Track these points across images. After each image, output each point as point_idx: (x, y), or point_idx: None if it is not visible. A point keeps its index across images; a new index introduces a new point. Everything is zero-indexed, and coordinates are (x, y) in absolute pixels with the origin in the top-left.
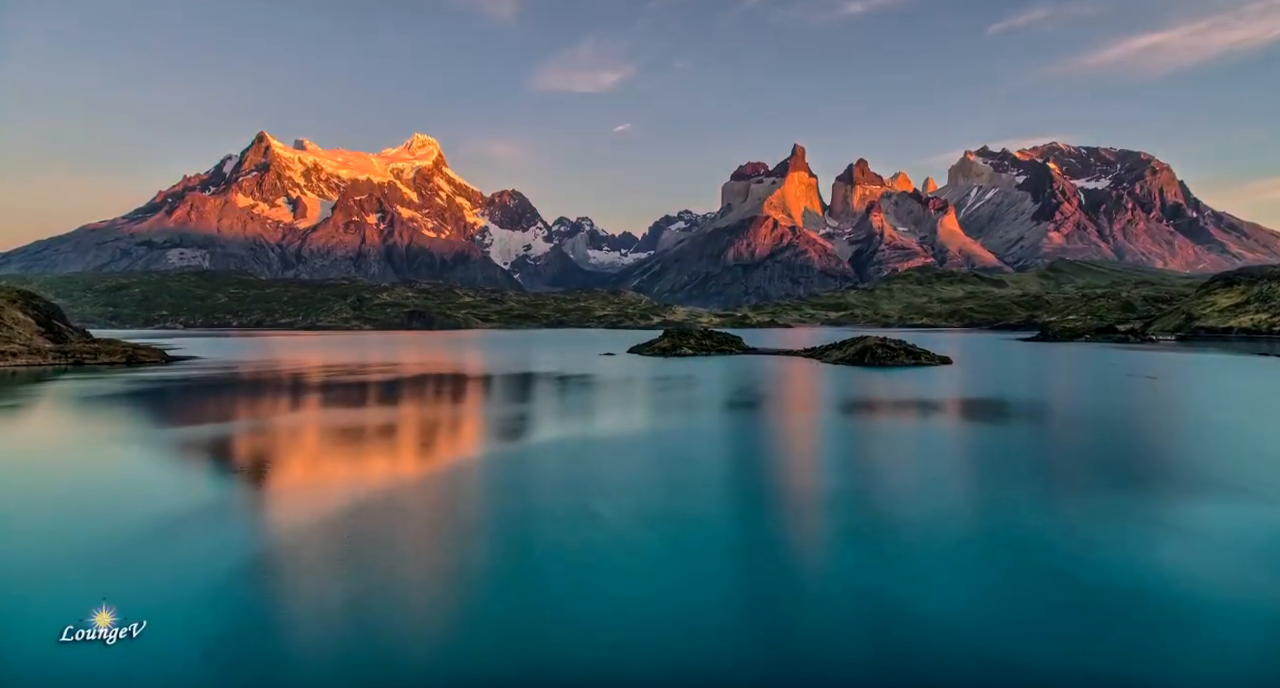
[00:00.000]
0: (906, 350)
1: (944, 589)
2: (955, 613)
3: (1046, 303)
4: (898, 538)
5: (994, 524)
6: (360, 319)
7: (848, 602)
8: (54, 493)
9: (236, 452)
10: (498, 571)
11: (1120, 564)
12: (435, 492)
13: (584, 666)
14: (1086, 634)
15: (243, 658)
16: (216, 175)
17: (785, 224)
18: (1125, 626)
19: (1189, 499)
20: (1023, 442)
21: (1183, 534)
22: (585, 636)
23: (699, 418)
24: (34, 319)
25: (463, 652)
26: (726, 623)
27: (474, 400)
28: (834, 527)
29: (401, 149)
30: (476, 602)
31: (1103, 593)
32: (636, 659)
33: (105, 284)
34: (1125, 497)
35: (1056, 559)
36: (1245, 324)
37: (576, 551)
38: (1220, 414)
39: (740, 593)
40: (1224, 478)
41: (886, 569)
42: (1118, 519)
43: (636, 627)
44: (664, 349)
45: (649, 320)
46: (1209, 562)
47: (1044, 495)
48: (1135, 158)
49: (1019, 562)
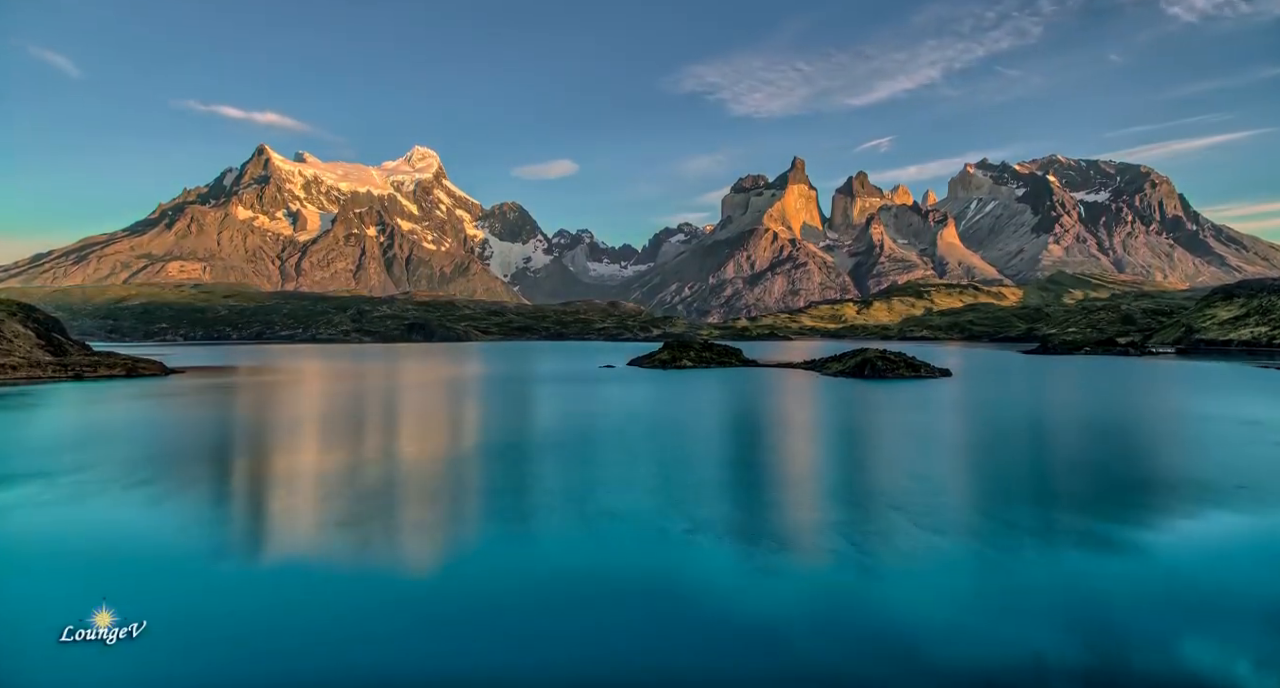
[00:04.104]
0: (906, 363)
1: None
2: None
3: (1046, 315)
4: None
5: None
6: (360, 332)
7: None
8: (54, 493)
9: (234, 454)
10: (495, 571)
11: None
12: (428, 510)
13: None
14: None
15: (242, 658)
16: (217, 188)
17: (785, 236)
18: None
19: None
20: (1038, 461)
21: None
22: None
23: (701, 431)
24: (34, 332)
25: (463, 651)
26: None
27: (472, 412)
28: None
29: (401, 162)
30: (477, 602)
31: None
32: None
33: (105, 297)
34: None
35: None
36: (1245, 337)
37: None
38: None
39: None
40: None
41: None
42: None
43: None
44: (664, 361)
45: (649, 332)
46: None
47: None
48: (1135, 171)
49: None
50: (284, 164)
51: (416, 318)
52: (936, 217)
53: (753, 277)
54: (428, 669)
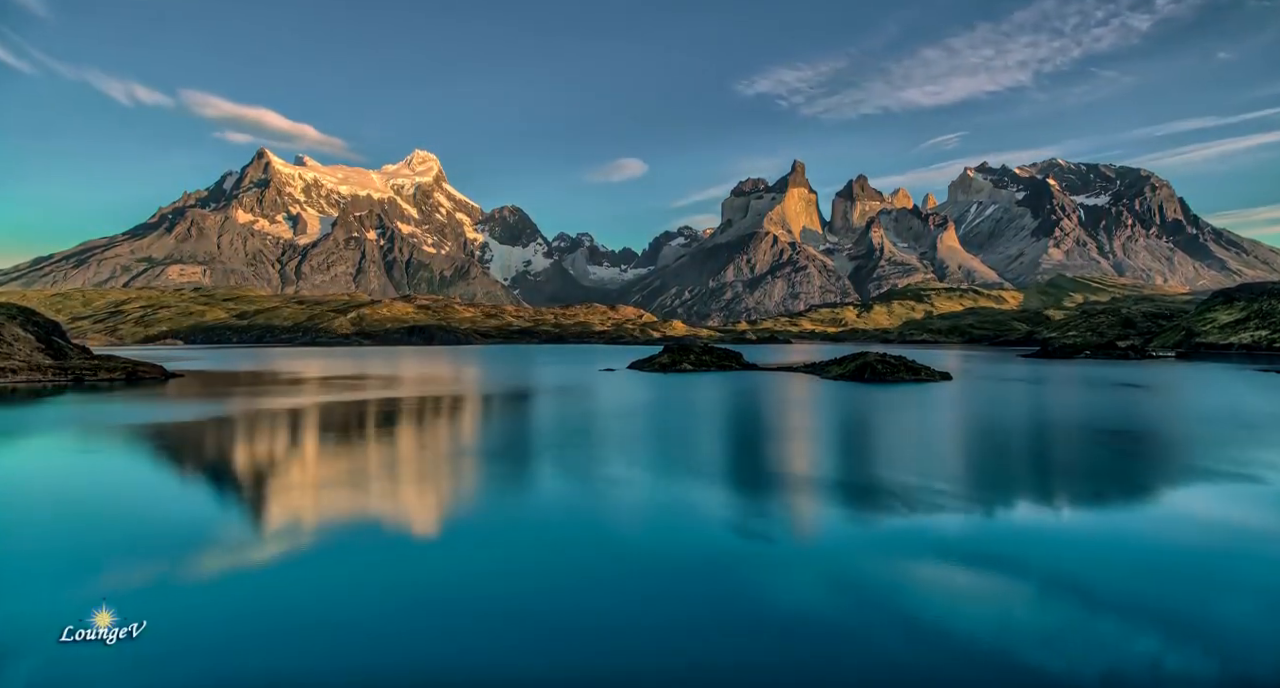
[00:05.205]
0: (907, 366)
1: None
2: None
3: (1046, 319)
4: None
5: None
6: (360, 335)
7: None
8: (54, 494)
9: (236, 456)
10: (491, 567)
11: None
12: (432, 502)
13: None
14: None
15: (242, 658)
16: (217, 192)
17: (785, 240)
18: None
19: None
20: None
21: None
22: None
23: (703, 438)
24: (34, 336)
25: (462, 653)
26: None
27: (471, 420)
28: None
29: (401, 165)
30: (476, 599)
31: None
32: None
33: (105, 301)
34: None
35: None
36: (1245, 340)
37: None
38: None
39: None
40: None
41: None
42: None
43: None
44: (664, 365)
45: (649, 336)
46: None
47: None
48: (1135, 174)
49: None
50: (284, 168)
51: (416, 321)
52: (936, 220)
53: (753, 280)
54: (428, 669)
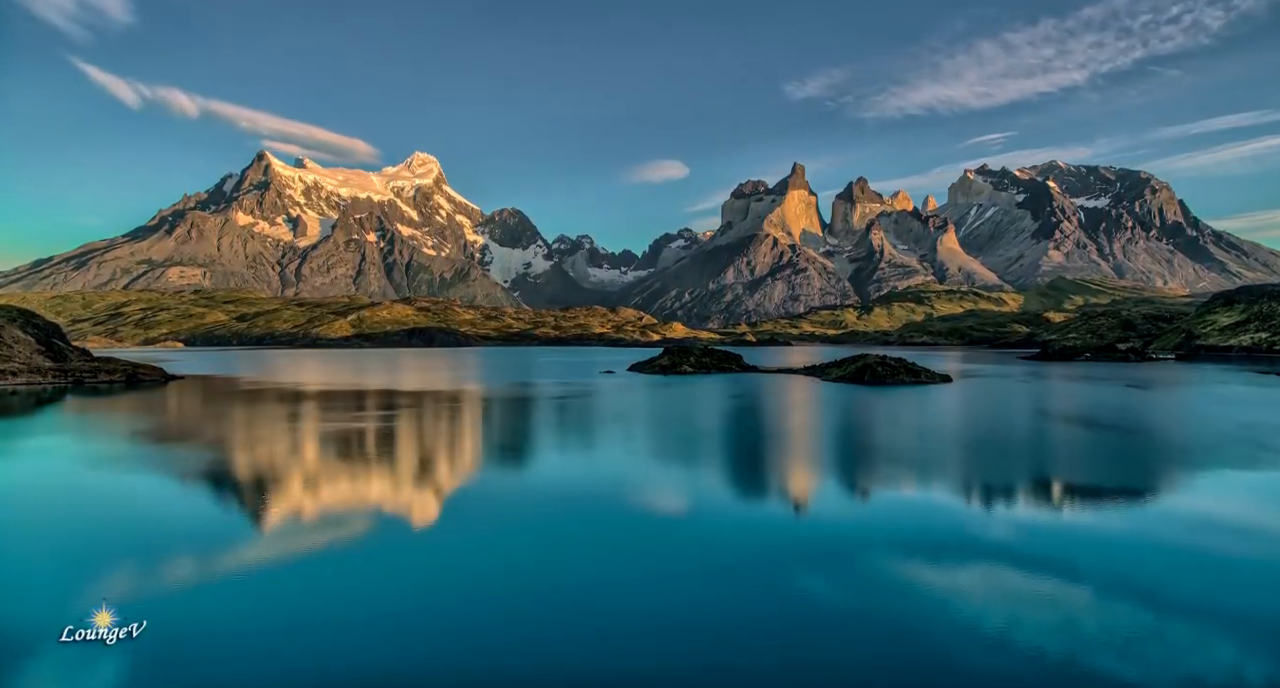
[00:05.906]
0: (906, 368)
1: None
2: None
3: (1046, 321)
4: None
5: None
6: (360, 337)
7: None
8: (54, 495)
9: (235, 457)
10: (489, 568)
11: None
12: (431, 506)
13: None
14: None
15: (242, 658)
16: (217, 194)
17: (785, 242)
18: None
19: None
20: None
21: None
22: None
23: (703, 443)
24: (34, 338)
25: (460, 652)
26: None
27: (471, 422)
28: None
29: (402, 167)
30: (476, 599)
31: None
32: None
33: (105, 303)
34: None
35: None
36: (1245, 343)
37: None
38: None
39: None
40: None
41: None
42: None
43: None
44: (664, 367)
45: (649, 338)
46: None
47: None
48: (1135, 177)
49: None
50: (284, 170)
51: (416, 323)
52: (936, 223)
53: (753, 282)
54: (427, 669)
